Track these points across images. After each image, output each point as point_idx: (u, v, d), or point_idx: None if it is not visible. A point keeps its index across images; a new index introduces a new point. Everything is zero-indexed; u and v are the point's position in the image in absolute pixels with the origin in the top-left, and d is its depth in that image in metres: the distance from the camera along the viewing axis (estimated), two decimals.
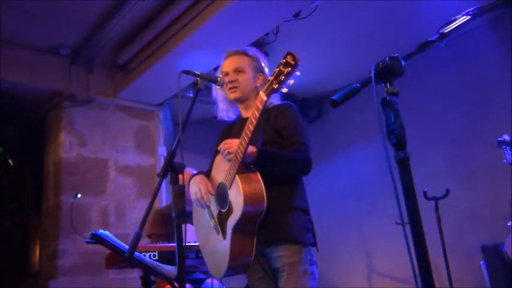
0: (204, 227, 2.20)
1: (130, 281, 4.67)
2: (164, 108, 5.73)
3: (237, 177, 1.94)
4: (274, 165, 2.04)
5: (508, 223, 3.63)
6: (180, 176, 1.84)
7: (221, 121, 2.41)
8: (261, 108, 1.87)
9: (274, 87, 1.83)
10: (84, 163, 5.05)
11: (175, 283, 1.84)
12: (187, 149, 2.00)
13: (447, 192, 3.36)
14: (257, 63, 2.29)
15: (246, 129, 1.90)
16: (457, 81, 5.00)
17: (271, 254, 2.03)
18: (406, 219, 1.30)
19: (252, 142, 1.93)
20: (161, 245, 2.84)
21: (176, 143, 1.91)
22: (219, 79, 2.18)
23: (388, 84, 1.41)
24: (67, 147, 5.01)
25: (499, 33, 4.59)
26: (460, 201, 4.47)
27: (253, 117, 1.89)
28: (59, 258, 4.68)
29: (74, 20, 4.43)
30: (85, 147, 5.10)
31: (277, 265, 2.02)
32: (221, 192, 2.08)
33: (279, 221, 2.02)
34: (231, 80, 2.22)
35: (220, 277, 2.12)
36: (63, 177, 4.92)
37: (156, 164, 5.49)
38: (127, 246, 1.95)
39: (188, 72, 2.04)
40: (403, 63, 1.42)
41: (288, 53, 1.80)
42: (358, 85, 1.46)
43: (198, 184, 2.16)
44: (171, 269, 2.35)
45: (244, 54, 2.30)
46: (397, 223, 1.69)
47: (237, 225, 1.95)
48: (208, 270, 2.23)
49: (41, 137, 5.42)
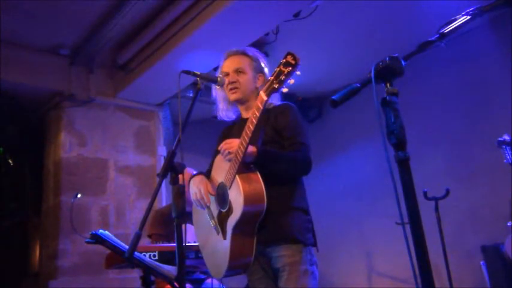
0: (204, 227, 2.19)
1: (130, 281, 4.67)
2: (164, 108, 5.73)
3: (237, 177, 1.94)
4: (274, 165, 2.04)
5: (508, 223, 3.63)
6: (180, 176, 1.84)
7: (221, 121, 2.41)
8: (261, 108, 1.87)
9: (274, 86, 1.83)
10: (84, 163, 5.05)
11: (175, 283, 1.84)
12: (187, 149, 2.00)
13: (447, 192, 3.36)
14: (257, 64, 2.29)
15: (246, 129, 1.90)
16: (457, 81, 5.00)
17: (272, 254, 2.03)
18: (406, 219, 1.30)
19: (252, 142, 1.93)
20: (161, 245, 2.84)
21: (176, 143, 1.91)
22: (219, 79, 2.18)
23: (388, 84, 1.41)
24: (67, 147, 5.01)
25: (499, 33, 4.59)
26: (460, 201, 4.47)
27: (254, 117, 1.89)
28: (59, 258, 4.68)
29: (74, 20, 4.43)
30: (85, 147, 5.11)
31: (277, 265, 2.02)
32: (221, 192, 2.08)
33: (279, 221, 2.02)
34: (232, 80, 2.22)
35: (220, 277, 2.12)
36: (63, 177, 4.92)
37: (156, 164, 5.49)
38: (127, 246, 1.95)
39: (188, 72, 2.04)
40: (403, 63, 1.42)
41: (288, 53, 1.80)
42: (358, 85, 1.46)
43: (198, 184, 2.16)
44: (171, 269, 2.35)
45: (245, 54, 2.29)
46: (397, 223, 1.69)
47: (237, 225, 1.95)
48: (208, 271, 2.24)
49: (41, 137, 5.42)
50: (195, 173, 2.30)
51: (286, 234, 2.01)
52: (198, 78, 2.04)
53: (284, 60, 1.80)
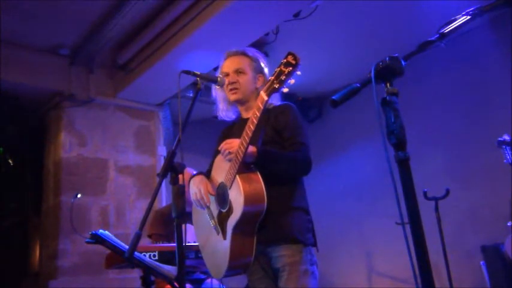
0: (204, 227, 2.19)
1: (131, 281, 4.67)
2: (164, 108, 5.73)
3: (238, 177, 1.94)
4: (274, 165, 2.04)
5: (508, 223, 3.63)
6: (180, 176, 1.84)
7: (221, 121, 2.41)
8: (262, 108, 1.88)
9: (275, 86, 1.83)
10: (84, 163, 5.05)
11: (175, 283, 1.84)
12: (187, 149, 2.00)
13: (447, 192, 3.36)
14: (257, 64, 2.29)
15: (246, 129, 1.90)
16: (457, 81, 5.00)
17: (272, 254, 2.04)
18: (406, 219, 1.30)
19: (252, 142, 1.93)
20: (161, 245, 2.84)
21: (176, 143, 1.91)
22: (219, 79, 2.18)
23: (388, 84, 1.41)
24: (67, 147, 5.01)
25: (499, 33, 4.59)
26: (460, 201, 4.47)
27: (254, 117, 1.89)
28: (59, 258, 4.68)
29: (73, 20, 4.43)
30: (85, 147, 5.11)
31: (277, 265, 2.02)
32: (221, 192, 2.08)
33: (279, 220, 2.02)
34: (232, 81, 2.22)
35: (220, 277, 2.12)
36: (63, 177, 4.92)
37: (156, 164, 5.49)
38: (127, 246, 1.95)
39: (188, 72, 2.04)
40: (403, 63, 1.42)
41: (288, 53, 1.81)
42: (358, 85, 1.46)
43: (198, 185, 2.15)
44: (171, 269, 2.35)
45: (244, 55, 2.29)
46: (397, 223, 1.69)
47: (237, 225, 1.95)
48: (208, 271, 2.23)
49: (41, 137, 5.42)
50: (195, 173, 2.29)
51: (286, 234, 2.01)
52: (198, 78, 2.04)
53: (285, 60, 1.81)
